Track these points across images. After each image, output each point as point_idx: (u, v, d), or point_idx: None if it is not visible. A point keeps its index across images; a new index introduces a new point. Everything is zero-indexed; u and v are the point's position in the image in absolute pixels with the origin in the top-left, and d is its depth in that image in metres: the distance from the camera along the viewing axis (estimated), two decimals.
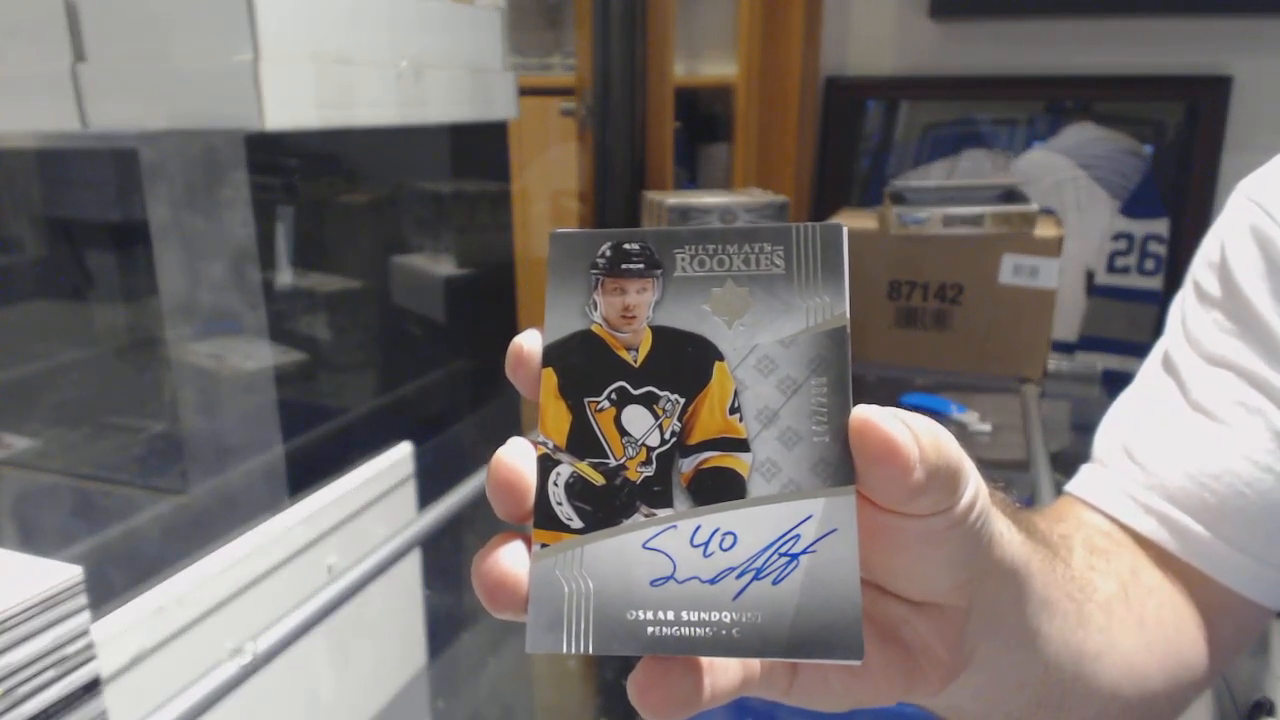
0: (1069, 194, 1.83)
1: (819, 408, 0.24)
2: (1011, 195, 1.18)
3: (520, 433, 0.26)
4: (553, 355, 0.26)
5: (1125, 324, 1.82)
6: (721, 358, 0.25)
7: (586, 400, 0.25)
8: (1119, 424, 0.51)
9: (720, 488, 0.24)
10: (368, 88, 0.85)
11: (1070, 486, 0.50)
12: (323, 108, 0.79)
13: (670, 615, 0.23)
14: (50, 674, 0.38)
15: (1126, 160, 1.82)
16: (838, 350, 0.24)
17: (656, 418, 0.25)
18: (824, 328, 0.24)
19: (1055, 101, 1.86)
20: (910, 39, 1.88)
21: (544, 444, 0.25)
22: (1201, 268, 0.52)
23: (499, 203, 1.16)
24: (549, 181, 1.83)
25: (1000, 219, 1.14)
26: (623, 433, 0.25)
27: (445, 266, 1.07)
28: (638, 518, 0.24)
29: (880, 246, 1.19)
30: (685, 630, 0.23)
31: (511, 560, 0.23)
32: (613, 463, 0.24)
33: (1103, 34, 1.78)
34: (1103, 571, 0.43)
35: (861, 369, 1.25)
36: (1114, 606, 0.41)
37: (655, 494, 0.24)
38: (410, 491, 0.73)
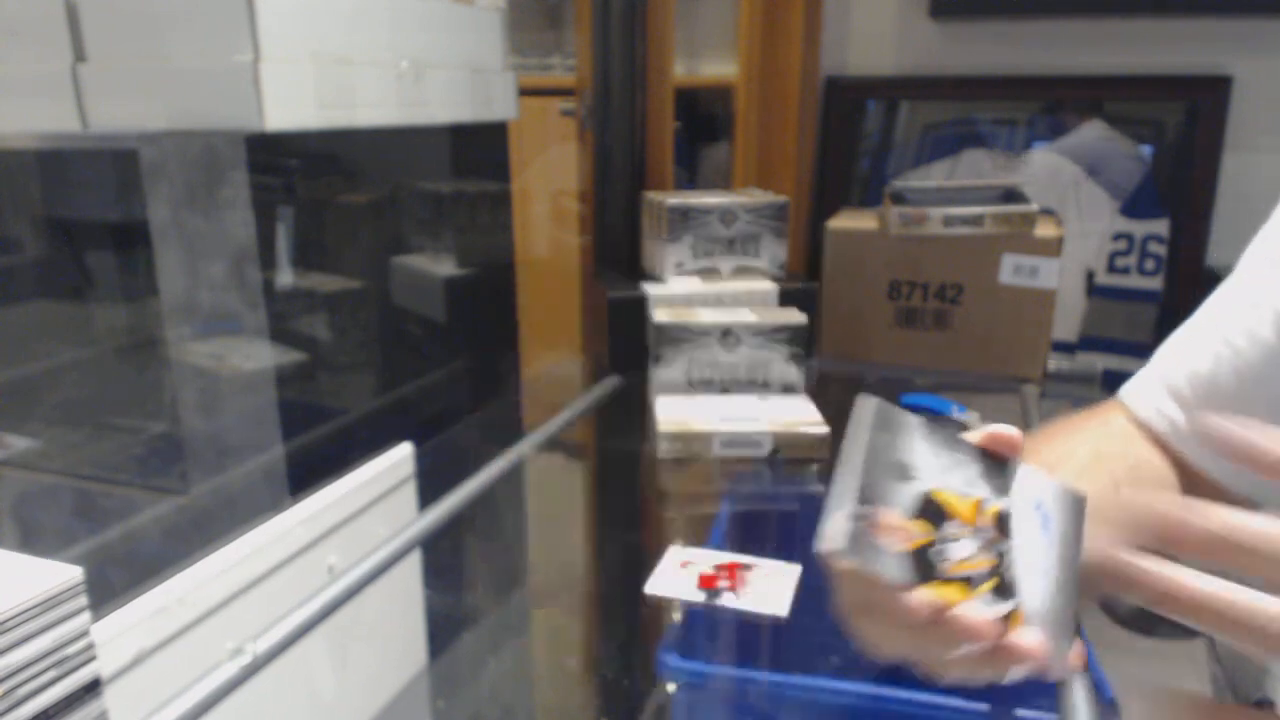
0: (1069, 194, 1.83)
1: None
2: (1011, 195, 1.18)
3: (521, 434, 0.27)
4: None
5: (1125, 324, 1.82)
6: None
7: None
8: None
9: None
10: (368, 88, 0.85)
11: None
12: (323, 108, 0.79)
13: None
14: (51, 674, 0.38)
15: (1128, 161, 1.82)
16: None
17: None
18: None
19: (1055, 102, 1.86)
20: (910, 39, 1.88)
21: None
22: None
23: (499, 203, 1.17)
24: (549, 181, 1.83)
25: (1000, 219, 1.15)
26: None
27: (445, 267, 1.07)
28: None
29: (880, 246, 1.19)
30: None
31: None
32: None
33: (1103, 34, 1.78)
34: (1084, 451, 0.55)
35: (861, 369, 1.25)
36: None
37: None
38: (410, 492, 0.73)
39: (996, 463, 0.40)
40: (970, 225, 1.15)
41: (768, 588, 0.72)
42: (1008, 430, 0.40)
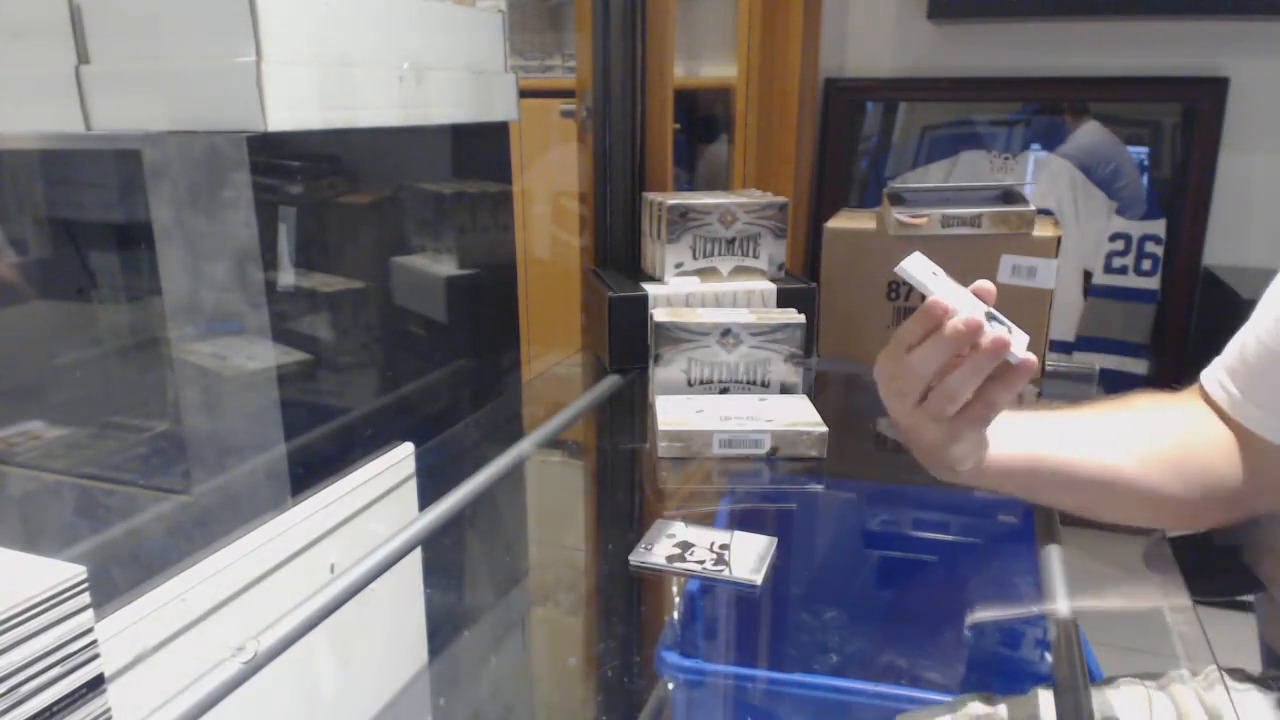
0: (1066, 194, 1.83)
1: None
2: (1009, 196, 1.18)
3: (521, 434, 0.27)
4: None
5: (1122, 324, 1.83)
6: None
7: None
8: None
9: None
10: (370, 89, 0.86)
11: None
12: (325, 109, 0.80)
13: None
14: (54, 672, 0.38)
15: (1127, 162, 1.82)
16: None
17: None
18: None
19: (1053, 103, 1.86)
20: (909, 40, 1.89)
21: None
22: None
23: (500, 203, 1.17)
24: (550, 182, 1.84)
25: (998, 219, 1.15)
26: None
27: (447, 267, 1.08)
28: None
29: (878, 247, 1.20)
30: None
31: None
32: None
33: (1100, 36, 1.78)
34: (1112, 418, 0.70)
35: (860, 369, 1.25)
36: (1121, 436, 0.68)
37: None
38: (411, 491, 0.73)
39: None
40: (968, 226, 1.15)
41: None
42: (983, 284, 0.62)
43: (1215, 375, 0.70)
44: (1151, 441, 0.68)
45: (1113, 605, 0.72)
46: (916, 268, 0.63)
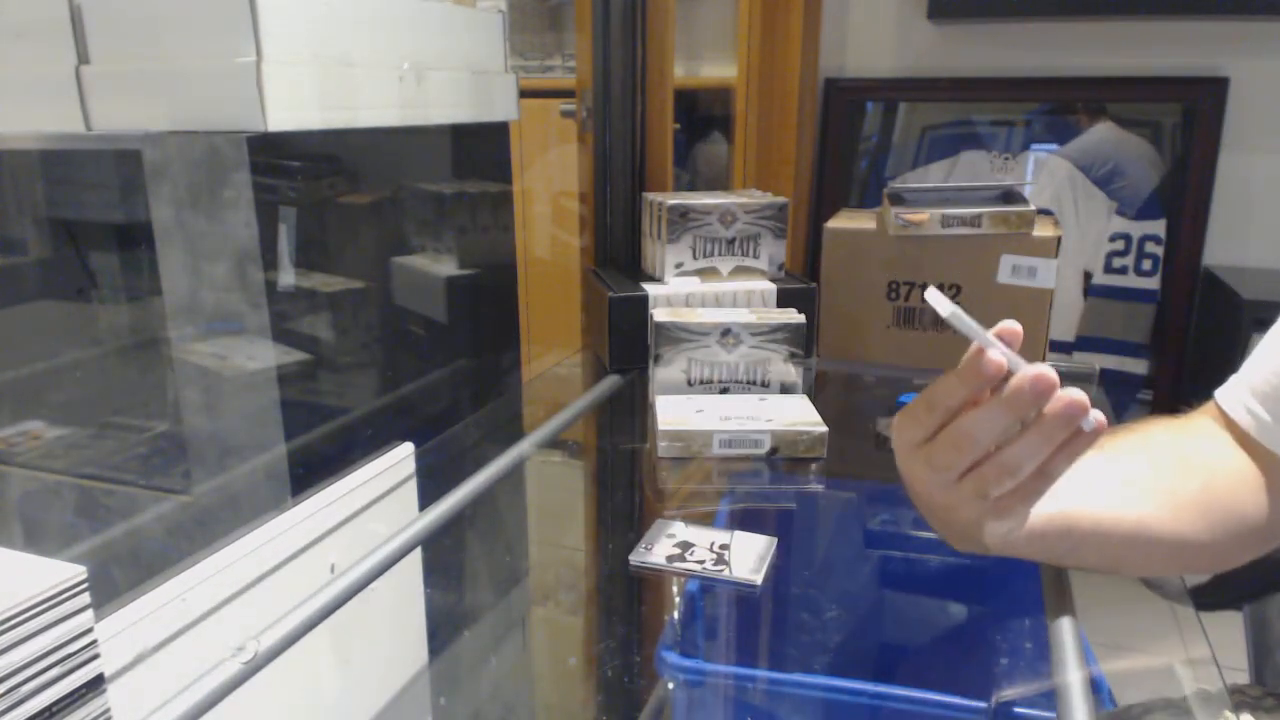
0: (1066, 194, 1.83)
1: None
2: (1009, 196, 1.18)
3: (521, 434, 0.27)
4: None
5: (1122, 324, 1.82)
6: None
7: None
8: None
9: None
10: (370, 89, 0.86)
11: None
12: (325, 110, 0.80)
13: None
14: (54, 672, 0.38)
15: (1129, 162, 1.82)
16: None
17: None
18: None
19: (1053, 103, 1.86)
20: (909, 40, 1.89)
21: None
22: None
23: (501, 203, 1.17)
24: (550, 182, 1.84)
25: (998, 219, 1.15)
26: None
27: (447, 267, 1.08)
28: None
29: (879, 247, 1.20)
30: None
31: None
32: None
33: (1100, 36, 1.78)
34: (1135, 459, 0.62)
35: (860, 369, 1.26)
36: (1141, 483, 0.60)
37: None
38: (411, 491, 0.73)
39: None
40: (968, 226, 1.15)
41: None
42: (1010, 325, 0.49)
43: (1239, 398, 0.62)
44: (1176, 485, 0.61)
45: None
46: (954, 308, 0.50)
